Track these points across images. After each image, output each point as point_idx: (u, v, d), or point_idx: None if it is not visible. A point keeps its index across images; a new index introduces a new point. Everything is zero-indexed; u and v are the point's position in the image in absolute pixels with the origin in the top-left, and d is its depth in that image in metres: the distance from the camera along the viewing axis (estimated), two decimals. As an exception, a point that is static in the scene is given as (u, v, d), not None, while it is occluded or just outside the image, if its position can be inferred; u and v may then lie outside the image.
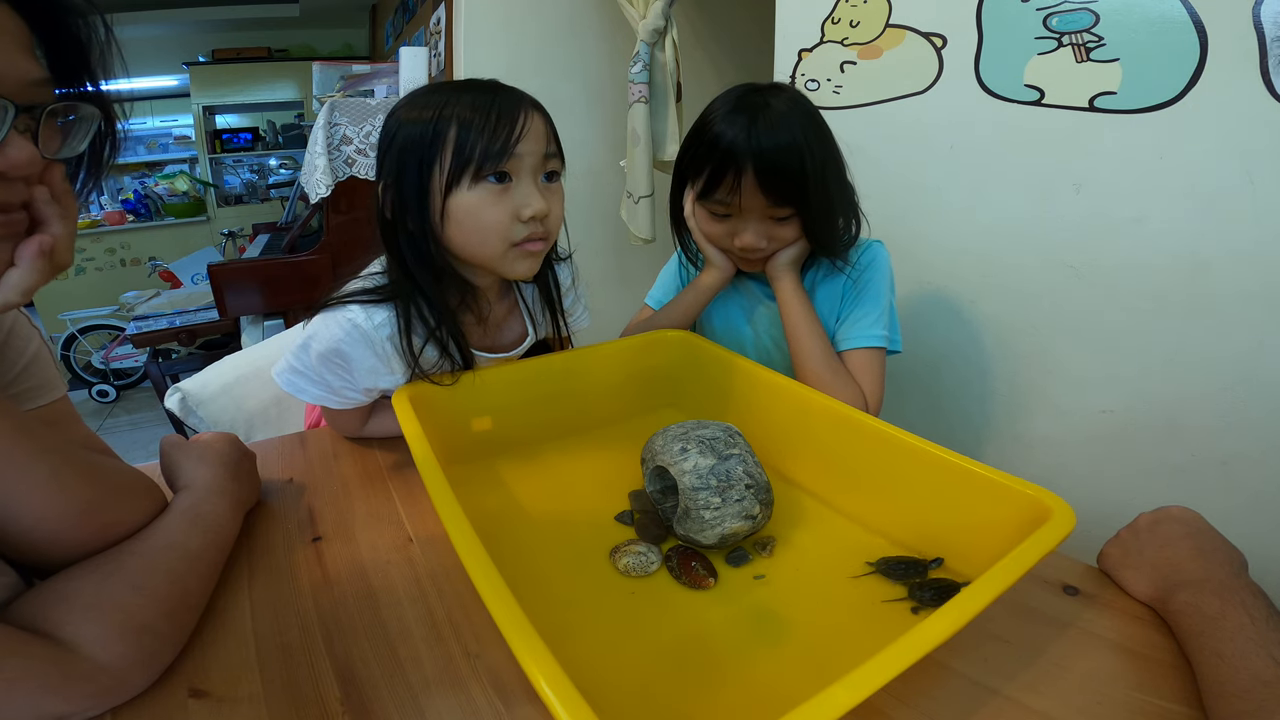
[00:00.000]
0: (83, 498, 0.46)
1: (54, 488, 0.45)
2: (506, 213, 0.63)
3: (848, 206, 0.82)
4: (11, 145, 0.37)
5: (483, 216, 0.63)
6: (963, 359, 1.11)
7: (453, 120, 0.61)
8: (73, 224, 0.43)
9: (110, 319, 3.28)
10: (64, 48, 0.41)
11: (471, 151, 0.61)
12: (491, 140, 0.61)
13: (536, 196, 0.64)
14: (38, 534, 0.45)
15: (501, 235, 0.64)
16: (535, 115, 0.64)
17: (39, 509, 0.44)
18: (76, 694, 0.40)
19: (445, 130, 0.61)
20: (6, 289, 0.40)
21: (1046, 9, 0.89)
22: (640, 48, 1.67)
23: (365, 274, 0.71)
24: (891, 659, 0.35)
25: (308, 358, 0.67)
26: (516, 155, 0.62)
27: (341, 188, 1.91)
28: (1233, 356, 0.82)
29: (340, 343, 0.65)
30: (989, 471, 0.53)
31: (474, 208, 0.63)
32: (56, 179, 0.42)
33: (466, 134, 0.61)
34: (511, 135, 0.62)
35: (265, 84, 4.38)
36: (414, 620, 0.51)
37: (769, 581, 0.55)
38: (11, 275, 0.40)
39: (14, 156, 0.37)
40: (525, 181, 0.64)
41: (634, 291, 1.08)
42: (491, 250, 0.65)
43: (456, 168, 0.61)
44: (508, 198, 0.63)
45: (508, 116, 0.62)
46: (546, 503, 0.66)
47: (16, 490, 0.43)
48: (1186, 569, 0.49)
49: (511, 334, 0.79)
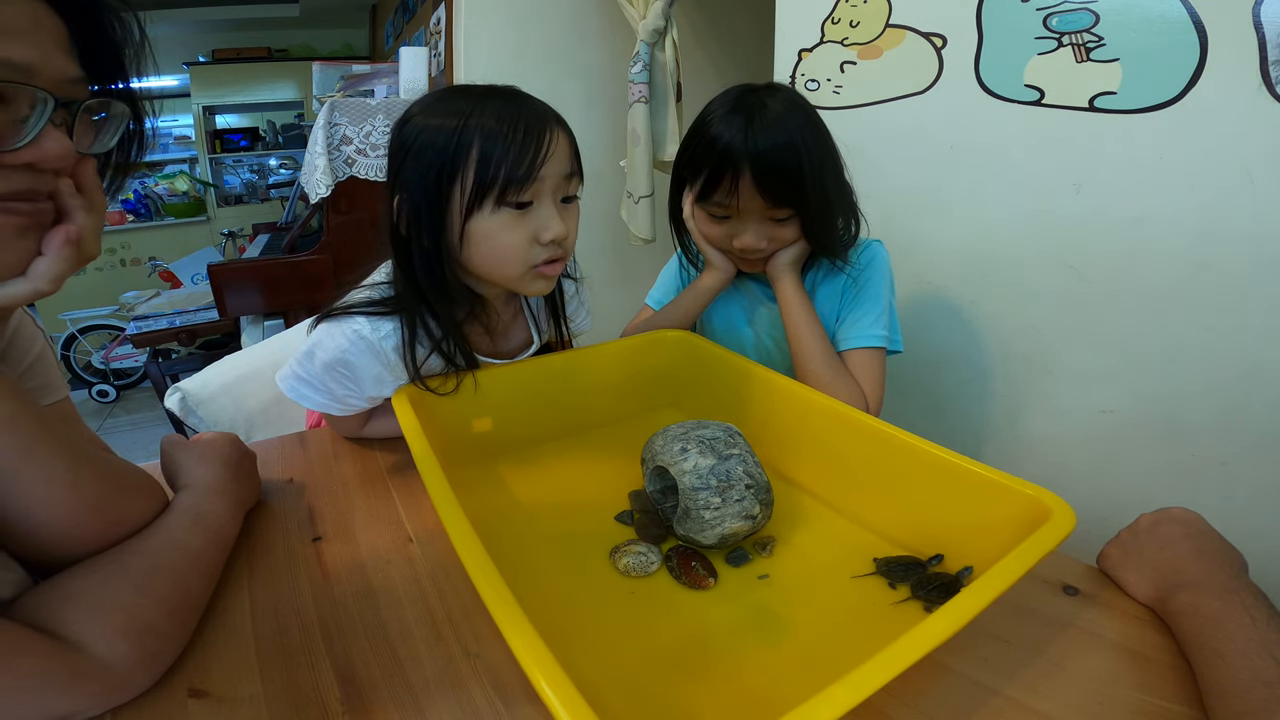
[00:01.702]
0: (94, 494, 0.47)
1: (69, 483, 0.45)
2: (526, 236, 0.62)
3: (846, 206, 0.82)
4: (47, 137, 0.38)
5: (502, 240, 0.62)
6: (962, 359, 1.11)
7: (475, 140, 0.59)
8: (100, 216, 0.44)
9: (110, 319, 3.28)
10: (99, 47, 0.42)
11: (494, 177, 0.59)
12: (515, 165, 0.59)
13: (557, 220, 0.63)
14: (49, 530, 0.45)
15: (520, 259, 0.63)
16: (560, 135, 0.62)
17: (54, 505, 0.45)
18: (83, 693, 0.40)
19: (467, 150, 0.59)
20: (35, 277, 0.41)
21: (1046, 9, 0.89)
22: (640, 48, 1.67)
23: (370, 283, 0.70)
24: (891, 659, 0.35)
25: (313, 366, 0.66)
26: (539, 179, 0.60)
27: (341, 188, 1.91)
28: (1233, 356, 0.82)
29: (345, 353, 0.65)
30: (989, 471, 0.53)
31: (493, 232, 0.62)
32: (88, 173, 0.43)
33: (489, 156, 0.58)
34: (536, 159, 0.59)
35: (265, 84, 4.39)
36: (414, 620, 0.51)
37: (768, 581, 0.55)
38: (40, 264, 0.41)
39: (49, 149, 0.38)
40: (546, 204, 0.63)
41: (634, 291, 1.08)
42: (509, 272, 0.64)
43: (478, 192, 0.60)
44: (527, 221, 0.62)
45: (532, 137, 0.59)
46: (546, 503, 0.66)
47: (34, 485, 0.43)
48: (1187, 570, 0.49)
49: (516, 340, 0.79)
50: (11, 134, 0.37)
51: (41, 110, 0.37)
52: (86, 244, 0.43)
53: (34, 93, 0.37)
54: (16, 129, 0.37)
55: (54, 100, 0.38)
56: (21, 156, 0.37)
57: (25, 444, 0.43)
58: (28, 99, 0.37)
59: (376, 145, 1.93)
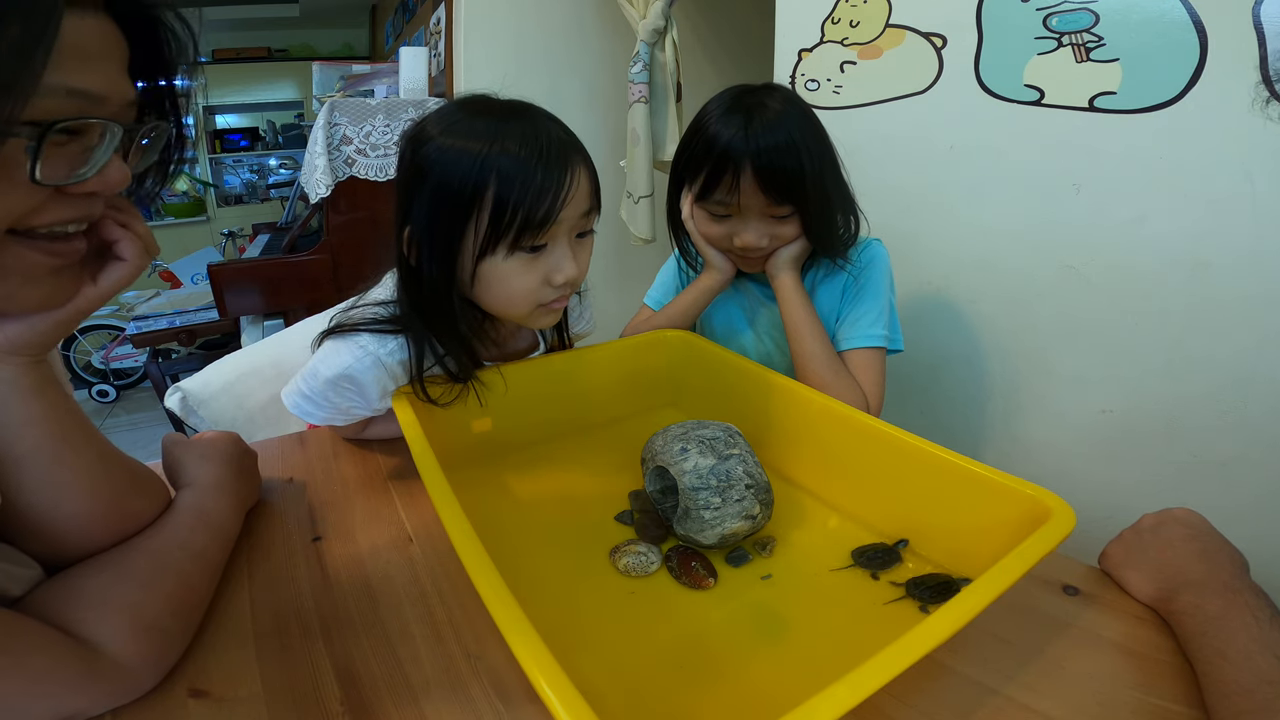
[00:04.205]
0: (116, 489, 0.47)
1: (99, 476, 0.46)
2: (537, 279, 0.61)
3: (846, 204, 0.82)
4: (112, 166, 0.38)
5: (512, 284, 0.61)
6: (962, 359, 1.11)
7: (491, 181, 0.56)
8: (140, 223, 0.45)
9: (110, 319, 3.27)
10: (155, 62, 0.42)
11: (510, 222, 0.57)
12: (532, 210, 0.56)
13: (570, 263, 0.61)
14: (72, 523, 0.45)
15: (530, 300, 0.63)
16: (581, 174, 0.60)
17: (82, 498, 0.45)
18: (92, 692, 0.40)
19: (483, 191, 0.56)
20: (118, 273, 0.43)
21: (1046, 9, 0.89)
22: (640, 48, 1.67)
23: (373, 301, 0.69)
24: (891, 659, 0.35)
25: (316, 383, 0.66)
26: (557, 222, 0.58)
27: (341, 188, 1.91)
28: (1233, 356, 0.82)
29: (351, 369, 0.64)
30: (989, 471, 0.53)
31: (505, 275, 0.60)
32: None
33: (505, 200, 0.56)
34: (555, 205, 0.57)
35: (265, 84, 4.39)
36: (414, 620, 0.51)
37: (769, 582, 0.55)
38: (117, 269, 0.43)
39: (112, 177, 0.38)
40: (561, 246, 0.61)
41: (634, 291, 1.08)
42: (517, 311, 0.64)
43: (492, 236, 0.58)
44: (541, 263, 0.61)
45: (552, 178, 0.57)
46: (546, 503, 0.66)
47: (69, 476, 0.44)
48: (1190, 570, 0.49)
49: (520, 346, 0.79)
50: (80, 163, 0.36)
51: (110, 140, 0.37)
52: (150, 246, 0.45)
53: (105, 124, 0.36)
54: (84, 158, 0.36)
55: (122, 130, 0.37)
56: (88, 186, 0.37)
57: (64, 435, 0.44)
58: (98, 130, 0.36)
59: (376, 145, 1.93)
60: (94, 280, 0.43)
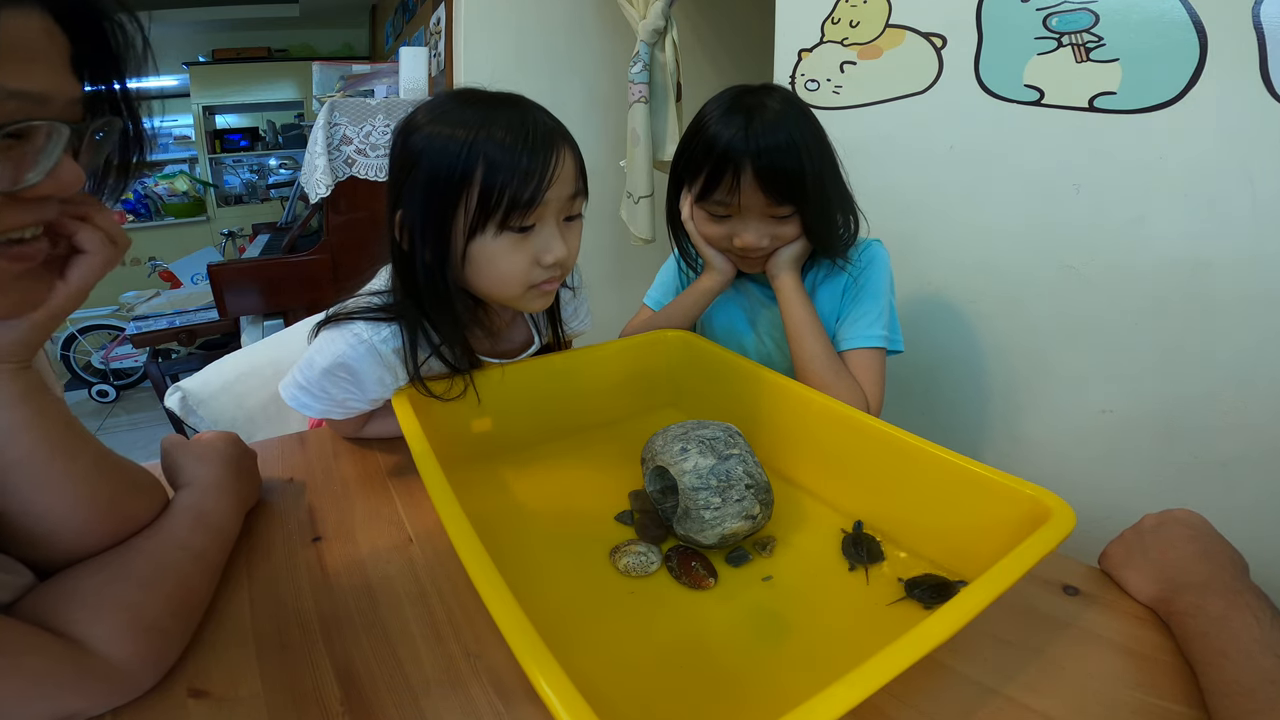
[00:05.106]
0: (110, 492, 0.47)
1: (92, 480, 0.46)
2: (527, 259, 0.62)
3: (845, 204, 0.82)
4: (63, 168, 0.37)
5: (502, 264, 0.62)
6: (962, 359, 1.11)
7: (479, 163, 0.58)
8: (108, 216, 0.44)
9: (110, 319, 3.27)
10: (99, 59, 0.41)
11: (498, 202, 0.58)
12: (519, 190, 0.58)
13: (559, 242, 0.63)
14: (66, 527, 0.45)
15: (521, 280, 0.63)
16: (566, 156, 0.61)
17: (76, 503, 0.45)
18: (89, 692, 0.40)
19: (471, 173, 0.58)
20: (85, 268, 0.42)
21: (1046, 9, 0.89)
22: (640, 48, 1.67)
23: (369, 291, 0.70)
24: (891, 659, 0.35)
25: (313, 374, 0.66)
26: (543, 203, 0.60)
27: (341, 188, 1.91)
28: (1233, 356, 0.82)
29: (346, 357, 0.64)
30: (989, 471, 0.53)
31: (495, 255, 0.62)
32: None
33: (493, 181, 0.58)
34: (541, 185, 0.59)
35: (265, 84, 4.38)
36: (414, 620, 0.51)
37: (769, 582, 0.55)
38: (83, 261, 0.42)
39: (65, 179, 0.37)
40: (548, 226, 0.62)
41: (634, 291, 1.08)
42: (509, 292, 0.65)
43: (481, 215, 0.59)
44: (529, 243, 0.62)
45: (538, 160, 0.59)
46: (546, 503, 0.66)
47: (60, 481, 0.44)
48: (1191, 571, 0.49)
49: (516, 340, 0.79)
50: (29, 167, 0.36)
51: (56, 141, 0.36)
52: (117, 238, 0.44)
53: (50, 125, 0.36)
54: (33, 162, 0.36)
55: (69, 129, 0.36)
56: (41, 190, 0.37)
57: (55, 439, 0.43)
58: (44, 131, 0.36)
59: (376, 145, 1.93)
60: (64, 278, 0.42)
